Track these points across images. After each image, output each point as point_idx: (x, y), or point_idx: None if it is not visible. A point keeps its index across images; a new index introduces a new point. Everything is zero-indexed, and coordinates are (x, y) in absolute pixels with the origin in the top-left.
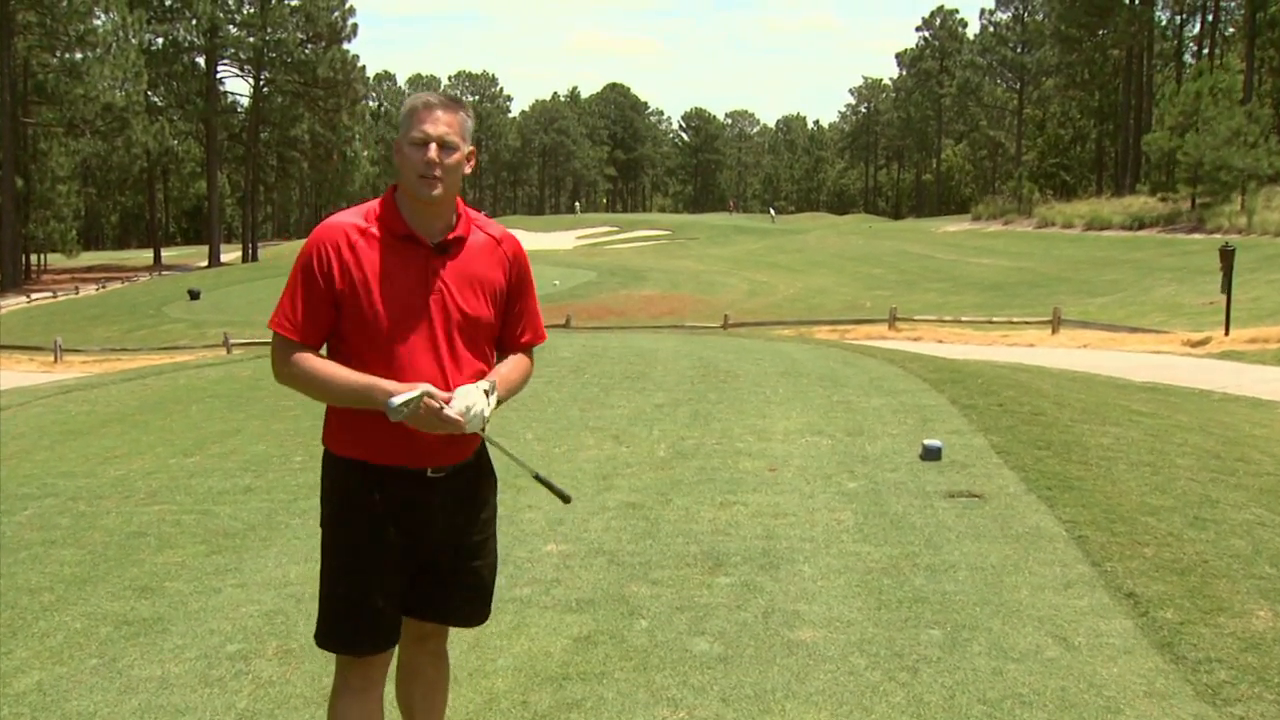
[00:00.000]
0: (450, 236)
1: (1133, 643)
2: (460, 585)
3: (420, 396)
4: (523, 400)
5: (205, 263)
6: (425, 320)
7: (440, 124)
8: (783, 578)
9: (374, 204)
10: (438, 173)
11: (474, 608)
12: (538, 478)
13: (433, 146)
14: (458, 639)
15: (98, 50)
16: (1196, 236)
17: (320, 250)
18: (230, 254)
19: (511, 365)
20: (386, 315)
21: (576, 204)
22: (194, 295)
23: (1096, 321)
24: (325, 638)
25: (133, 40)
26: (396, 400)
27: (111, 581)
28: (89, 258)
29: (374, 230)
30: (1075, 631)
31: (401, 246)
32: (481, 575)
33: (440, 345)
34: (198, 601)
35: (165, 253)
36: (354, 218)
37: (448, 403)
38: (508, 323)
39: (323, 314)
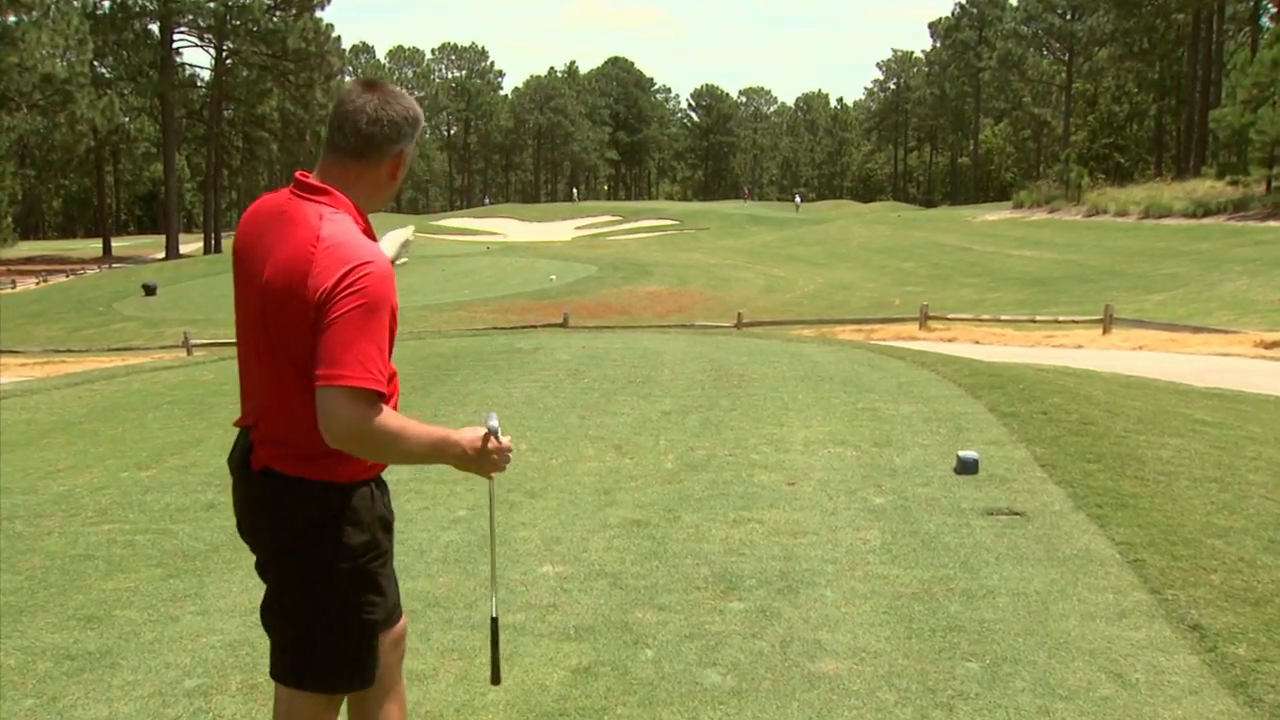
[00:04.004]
0: None
1: (1199, 681)
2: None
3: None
4: (515, 407)
5: (162, 254)
6: None
7: None
8: (802, 603)
9: (356, 220)
10: None
11: None
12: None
13: None
14: (443, 671)
15: (34, 13)
16: (1272, 224)
17: (394, 297)
18: (190, 245)
19: None
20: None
21: (574, 190)
22: (149, 290)
23: (1154, 320)
24: (348, 678)
25: (75, 2)
26: (494, 420)
27: (53, 611)
28: (27, 247)
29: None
30: (1132, 667)
31: None
32: None
33: None
34: (152, 631)
35: (116, 243)
36: (374, 241)
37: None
38: None
39: None
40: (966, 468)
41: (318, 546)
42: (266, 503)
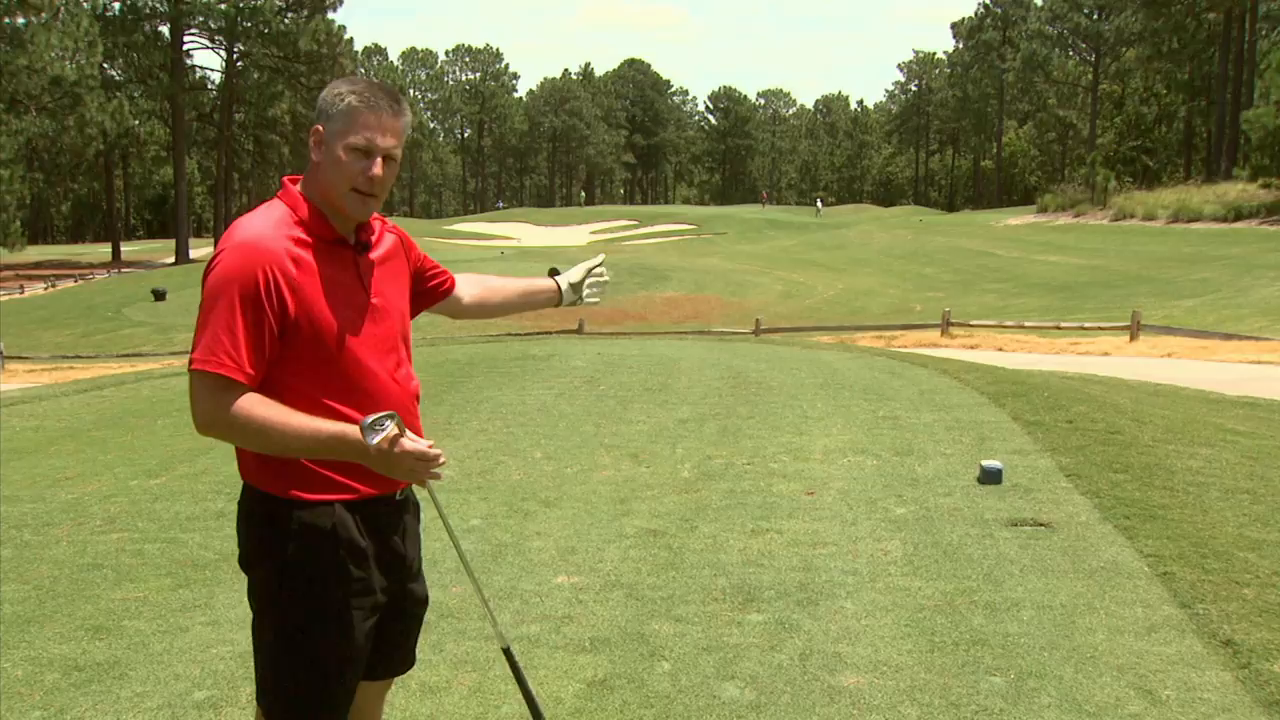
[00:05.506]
0: (367, 235)
1: (1232, 699)
2: (413, 622)
3: (387, 417)
4: (530, 415)
5: (172, 259)
6: (371, 327)
7: (390, 134)
8: (822, 615)
9: (287, 209)
10: (377, 190)
11: (413, 646)
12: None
13: (379, 161)
14: (456, 684)
15: (43, 15)
16: None
17: (267, 274)
18: (200, 249)
19: (491, 282)
20: (339, 331)
21: (583, 193)
22: (159, 296)
23: (1183, 327)
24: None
25: (85, 4)
26: (369, 418)
27: (60, 621)
28: (36, 252)
29: (306, 239)
30: (1162, 683)
31: (334, 252)
32: (425, 601)
33: (394, 349)
34: (161, 642)
35: (125, 247)
36: (283, 228)
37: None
38: (430, 284)
39: (269, 348)
40: (990, 477)
41: (263, 564)
42: (238, 509)
